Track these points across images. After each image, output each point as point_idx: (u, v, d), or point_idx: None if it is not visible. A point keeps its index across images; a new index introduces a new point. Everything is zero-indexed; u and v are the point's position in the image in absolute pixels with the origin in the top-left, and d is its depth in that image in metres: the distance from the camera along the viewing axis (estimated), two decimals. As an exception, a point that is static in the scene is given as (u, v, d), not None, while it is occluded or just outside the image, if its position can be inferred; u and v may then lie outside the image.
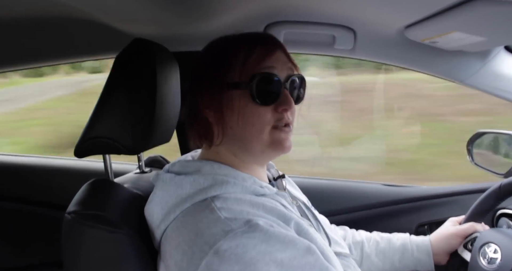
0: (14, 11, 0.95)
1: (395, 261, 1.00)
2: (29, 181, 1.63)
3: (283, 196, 0.75)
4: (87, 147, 0.77)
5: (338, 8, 0.95)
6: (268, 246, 0.57)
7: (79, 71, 4.38)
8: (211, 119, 0.72)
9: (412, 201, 1.41)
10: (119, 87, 0.77)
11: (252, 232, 0.58)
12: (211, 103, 0.71)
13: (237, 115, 0.70)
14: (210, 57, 0.75)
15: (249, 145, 0.72)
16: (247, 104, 0.69)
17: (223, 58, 0.72)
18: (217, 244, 0.57)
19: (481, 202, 1.00)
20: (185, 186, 0.67)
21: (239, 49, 0.71)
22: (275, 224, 0.62)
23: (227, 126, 0.71)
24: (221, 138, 0.72)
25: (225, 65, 0.71)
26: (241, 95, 0.69)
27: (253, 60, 0.70)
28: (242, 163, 0.75)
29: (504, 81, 1.14)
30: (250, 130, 0.70)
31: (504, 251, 0.86)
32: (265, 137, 0.71)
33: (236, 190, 0.67)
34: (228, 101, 0.70)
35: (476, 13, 0.69)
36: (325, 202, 1.33)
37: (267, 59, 0.71)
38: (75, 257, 0.69)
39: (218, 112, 0.71)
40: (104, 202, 0.71)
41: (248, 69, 0.70)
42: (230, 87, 0.70)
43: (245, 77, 0.70)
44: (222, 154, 0.74)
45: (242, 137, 0.71)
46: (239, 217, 0.61)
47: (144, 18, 0.94)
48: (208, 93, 0.71)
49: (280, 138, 0.71)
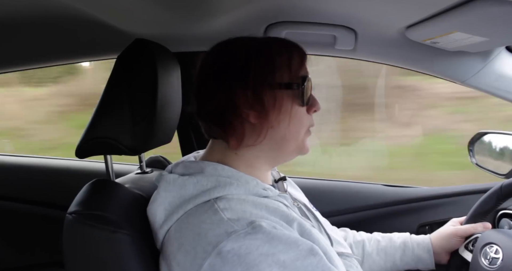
0: (14, 11, 0.95)
1: (396, 259, 1.00)
2: (30, 181, 1.63)
3: (284, 198, 0.75)
4: (89, 147, 0.77)
5: (339, 9, 0.95)
6: (271, 248, 0.57)
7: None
8: (252, 119, 0.70)
9: (413, 201, 1.41)
10: (120, 87, 0.77)
11: (255, 234, 0.58)
12: (254, 103, 0.69)
13: (283, 115, 0.70)
14: (252, 56, 0.71)
15: (284, 145, 0.73)
16: (293, 105, 0.71)
17: (270, 58, 0.71)
18: (220, 245, 0.57)
19: (482, 203, 1.00)
20: (188, 187, 0.67)
21: (282, 51, 0.72)
22: (278, 225, 0.62)
23: (268, 127, 0.71)
24: (257, 139, 0.71)
25: (274, 65, 0.70)
26: (290, 95, 0.71)
27: (295, 62, 0.72)
28: (255, 165, 0.75)
29: (506, 82, 1.14)
30: (292, 131, 0.72)
31: (505, 252, 0.86)
32: (300, 138, 0.74)
33: (239, 192, 0.67)
34: (275, 101, 0.70)
35: (478, 14, 0.69)
36: (325, 203, 1.33)
37: (304, 63, 0.74)
38: (76, 257, 0.69)
39: (263, 112, 0.69)
40: (105, 202, 0.71)
41: (294, 71, 0.71)
42: (282, 87, 0.70)
43: (295, 78, 0.71)
44: (240, 155, 0.73)
45: (281, 137, 0.72)
46: (242, 218, 0.61)
47: (145, 18, 0.94)
48: (253, 93, 0.69)
49: (307, 141, 0.75)
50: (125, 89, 0.76)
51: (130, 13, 0.90)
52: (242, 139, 0.71)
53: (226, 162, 0.73)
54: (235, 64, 0.71)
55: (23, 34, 1.13)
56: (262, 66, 0.70)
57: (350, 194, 1.46)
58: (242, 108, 0.69)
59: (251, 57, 0.70)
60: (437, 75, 1.22)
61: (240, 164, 0.73)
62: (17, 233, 1.65)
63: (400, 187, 1.48)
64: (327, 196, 1.44)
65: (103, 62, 1.58)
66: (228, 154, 0.74)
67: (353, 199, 1.45)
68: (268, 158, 0.75)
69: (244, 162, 0.74)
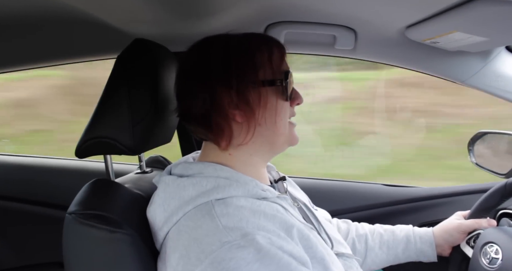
0: (15, 11, 0.95)
1: (399, 253, 1.01)
2: (30, 181, 1.63)
3: (284, 199, 0.74)
4: (88, 147, 0.77)
5: (339, 8, 0.95)
6: (261, 266, 0.56)
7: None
8: (239, 118, 0.70)
9: (413, 201, 1.41)
10: (120, 87, 0.77)
11: (248, 247, 0.57)
12: (239, 102, 0.69)
13: (269, 111, 0.71)
14: (233, 55, 0.70)
15: (275, 139, 0.73)
16: (278, 100, 0.72)
17: (251, 56, 0.70)
18: (212, 255, 0.57)
19: (486, 199, 1.01)
20: (187, 188, 0.67)
21: (262, 47, 0.71)
22: (275, 237, 0.61)
23: (256, 124, 0.71)
24: (247, 137, 0.71)
25: (255, 63, 0.70)
26: (274, 91, 0.71)
27: (276, 58, 0.72)
28: (250, 163, 0.74)
29: (505, 82, 1.14)
30: (280, 125, 0.72)
31: (505, 253, 0.86)
32: (286, 131, 0.74)
33: (238, 193, 0.67)
34: (259, 99, 0.70)
35: (478, 13, 0.69)
36: (325, 203, 1.33)
37: (284, 58, 0.74)
38: (76, 257, 0.69)
39: (249, 111, 0.69)
40: (105, 202, 0.71)
41: (277, 67, 0.72)
42: (265, 84, 0.70)
43: (277, 74, 0.71)
44: (234, 155, 0.73)
45: (270, 132, 0.72)
46: (238, 228, 0.60)
47: (145, 18, 0.94)
48: (237, 92, 0.69)
49: (294, 131, 0.76)
50: (124, 89, 0.76)
51: (130, 13, 0.90)
52: (231, 139, 0.71)
53: (222, 163, 0.73)
54: (216, 64, 0.70)
55: (23, 34, 1.13)
56: (243, 65, 0.70)
57: (350, 194, 1.47)
58: (228, 108, 0.69)
59: (232, 56, 0.70)
60: (437, 75, 1.22)
61: (236, 164, 0.73)
62: (17, 233, 1.65)
63: (400, 187, 1.48)
64: (327, 196, 1.45)
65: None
66: (222, 155, 0.73)
67: (353, 199, 1.45)
68: (261, 154, 0.75)
69: (239, 162, 0.74)
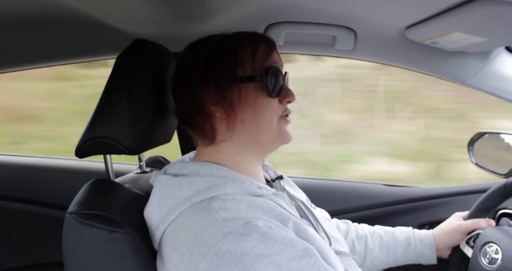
0: (14, 11, 0.95)
1: (399, 255, 1.01)
2: (30, 181, 1.63)
3: (281, 196, 0.75)
4: (88, 147, 0.77)
5: (338, 9, 0.95)
6: (267, 248, 0.57)
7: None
8: (219, 115, 0.71)
9: (413, 201, 1.41)
10: (119, 87, 0.77)
11: (251, 234, 0.58)
12: (219, 99, 0.70)
13: (250, 108, 0.71)
14: (214, 53, 0.73)
15: (259, 137, 0.73)
16: (259, 97, 0.71)
17: (232, 53, 0.71)
18: (216, 246, 0.58)
19: (486, 199, 1.01)
20: (183, 188, 0.67)
21: (246, 44, 0.72)
22: (273, 225, 0.62)
23: (237, 121, 0.71)
24: (230, 134, 0.72)
25: (235, 60, 0.71)
26: (254, 88, 0.71)
27: (260, 55, 0.72)
28: (242, 161, 0.74)
29: (505, 82, 1.14)
30: (263, 122, 0.72)
31: (505, 253, 0.86)
32: (274, 128, 0.73)
33: (234, 191, 0.67)
34: (239, 95, 0.70)
35: (477, 14, 0.69)
36: (325, 203, 1.33)
37: (271, 54, 0.74)
38: (76, 257, 0.69)
39: (229, 107, 0.70)
40: (105, 202, 0.72)
41: (258, 63, 0.71)
42: (244, 80, 0.70)
43: (258, 70, 0.71)
44: (223, 153, 0.74)
45: (253, 129, 0.72)
46: (237, 218, 0.61)
47: (145, 18, 0.94)
48: (216, 89, 0.70)
49: (286, 128, 0.75)
50: (124, 89, 0.76)
51: (130, 13, 0.90)
52: (214, 135, 0.72)
53: (215, 162, 0.73)
54: (197, 62, 0.72)
55: (23, 34, 1.13)
56: (223, 61, 0.71)
57: (350, 193, 1.47)
58: (208, 105, 0.71)
59: (213, 54, 0.72)
60: (437, 75, 1.22)
61: (228, 163, 0.73)
62: (17, 233, 1.65)
63: (400, 186, 1.48)
64: (327, 196, 1.45)
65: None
66: (212, 153, 0.74)
67: (353, 199, 1.45)
68: (250, 152, 0.75)
69: (230, 160, 0.74)
